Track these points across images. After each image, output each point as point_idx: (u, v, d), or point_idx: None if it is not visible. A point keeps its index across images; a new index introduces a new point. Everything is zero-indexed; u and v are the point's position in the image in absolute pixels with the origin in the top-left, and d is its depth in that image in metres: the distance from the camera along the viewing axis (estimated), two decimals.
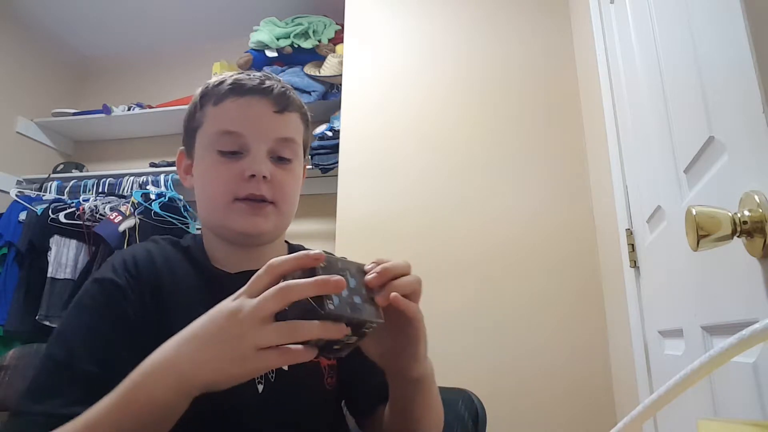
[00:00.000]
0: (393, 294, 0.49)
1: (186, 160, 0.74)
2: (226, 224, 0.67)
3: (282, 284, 0.43)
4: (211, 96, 0.69)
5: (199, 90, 0.72)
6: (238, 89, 0.67)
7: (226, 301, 0.46)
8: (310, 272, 0.45)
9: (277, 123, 0.68)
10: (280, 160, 0.69)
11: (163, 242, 0.71)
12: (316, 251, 0.47)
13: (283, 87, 0.70)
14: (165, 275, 0.66)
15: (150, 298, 0.63)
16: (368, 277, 0.49)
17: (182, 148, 0.74)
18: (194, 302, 0.63)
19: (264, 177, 0.65)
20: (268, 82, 0.69)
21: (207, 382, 0.45)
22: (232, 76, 0.69)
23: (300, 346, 0.44)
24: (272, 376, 0.64)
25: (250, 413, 0.61)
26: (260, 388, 0.63)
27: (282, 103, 0.68)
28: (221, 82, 0.69)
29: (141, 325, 0.61)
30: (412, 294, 0.51)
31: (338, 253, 0.54)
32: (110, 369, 0.54)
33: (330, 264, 0.46)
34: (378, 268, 0.49)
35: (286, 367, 0.64)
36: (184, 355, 0.45)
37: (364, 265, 0.51)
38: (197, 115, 0.70)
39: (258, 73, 0.70)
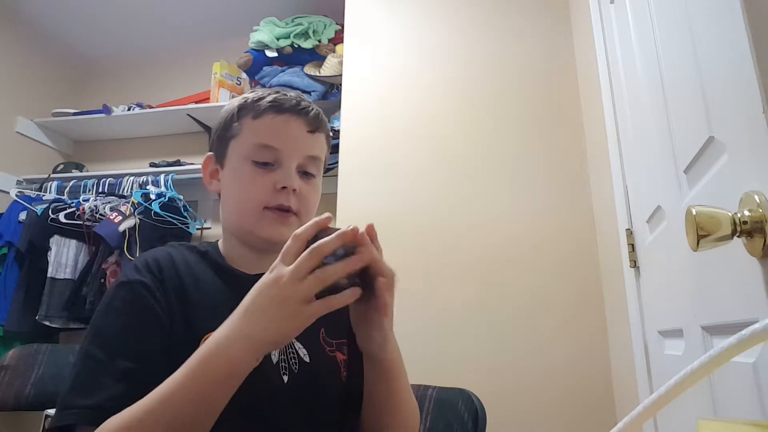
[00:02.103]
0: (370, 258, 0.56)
1: (213, 166, 0.78)
2: (254, 230, 0.72)
3: (313, 245, 0.53)
4: (251, 110, 0.74)
5: (236, 102, 0.76)
6: (277, 107, 0.73)
7: (265, 276, 0.55)
8: (325, 234, 0.54)
9: (309, 142, 0.74)
10: (305, 174, 0.75)
11: (181, 247, 0.76)
12: (324, 215, 0.57)
13: (316, 109, 0.76)
14: (186, 276, 0.70)
15: (174, 296, 0.67)
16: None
17: (210, 153, 0.79)
18: (217, 301, 0.69)
19: (294, 190, 0.71)
20: (303, 103, 0.75)
21: (271, 341, 0.54)
22: (270, 94, 0.75)
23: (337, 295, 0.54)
24: (296, 368, 0.69)
25: (276, 402, 0.66)
26: (285, 378, 0.68)
27: (315, 124, 0.75)
28: (261, 98, 0.74)
29: (169, 322, 0.65)
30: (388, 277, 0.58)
31: None
32: (147, 363, 0.61)
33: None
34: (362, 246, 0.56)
35: (307, 359, 0.70)
36: (250, 324, 0.54)
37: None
38: (234, 126, 0.74)
39: (293, 93, 0.76)
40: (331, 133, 0.81)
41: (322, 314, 0.53)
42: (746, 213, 0.50)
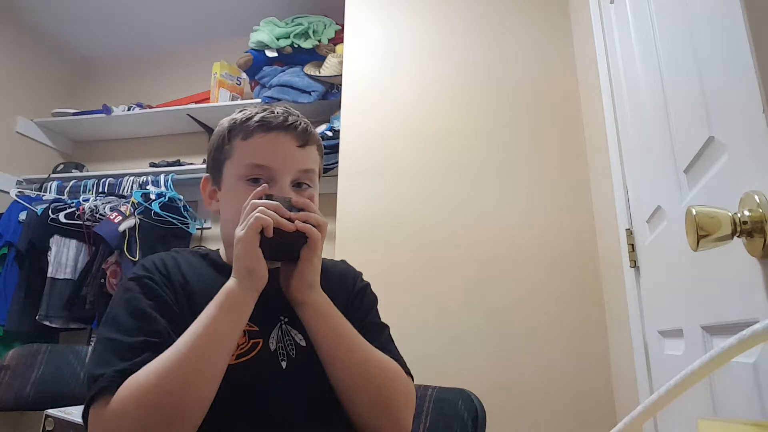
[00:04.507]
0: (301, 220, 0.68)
1: (211, 187, 0.81)
2: None
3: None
4: (240, 131, 0.76)
5: (226, 124, 0.78)
6: (265, 125, 0.75)
7: None
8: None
9: (300, 156, 0.76)
10: (300, 186, 0.77)
11: (184, 252, 0.80)
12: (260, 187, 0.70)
13: (304, 123, 0.78)
14: (191, 277, 0.74)
15: (181, 292, 0.71)
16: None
17: (207, 174, 0.82)
18: None
19: None
20: (291, 118, 0.76)
21: (245, 275, 0.65)
22: (257, 113, 0.76)
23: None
24: (293, 353, 0.72)
25: (276, 388, 0.69)
26: (284, 364, 0.70)
27: (304, 138, 0.76)
28: (249, 118, 0.76)
29: (176, 315, 0.68)
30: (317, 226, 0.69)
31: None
32: (160, 337, 0.64)
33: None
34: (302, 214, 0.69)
35: (303, 344, 0.73)
36: (235, 269, 0.66)
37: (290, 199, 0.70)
38: (225, 148, 0.77)
39: (280, 109, 0.77)
40: (322, 143, 0.83)
41: (257, 222, 0.64)
42: (746, 213, 0.50)
